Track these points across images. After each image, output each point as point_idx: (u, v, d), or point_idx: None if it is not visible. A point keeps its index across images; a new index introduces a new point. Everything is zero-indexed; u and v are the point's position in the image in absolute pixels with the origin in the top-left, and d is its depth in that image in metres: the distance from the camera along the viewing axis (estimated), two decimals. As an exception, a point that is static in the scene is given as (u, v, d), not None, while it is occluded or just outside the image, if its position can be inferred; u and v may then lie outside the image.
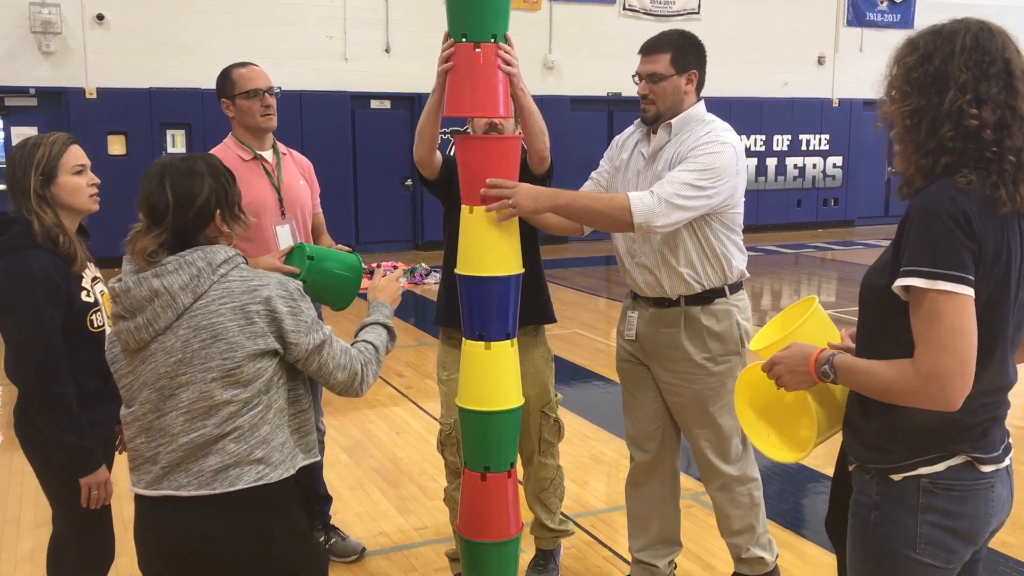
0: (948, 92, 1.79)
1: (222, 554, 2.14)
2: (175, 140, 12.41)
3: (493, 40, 2.70)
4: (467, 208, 2.79)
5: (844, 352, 1.97)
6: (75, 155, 2.77)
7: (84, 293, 2.76)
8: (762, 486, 3.39)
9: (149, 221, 2.16)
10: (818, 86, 16.69)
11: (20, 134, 11.20)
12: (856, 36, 16.86)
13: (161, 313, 2.10)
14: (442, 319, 3.55)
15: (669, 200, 2.91)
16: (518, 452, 3.06)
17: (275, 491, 2.16)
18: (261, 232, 3.44)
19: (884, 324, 1.88)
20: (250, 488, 2.12)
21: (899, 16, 17.04)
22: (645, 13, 15.09)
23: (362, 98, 13.59)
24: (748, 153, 13.09)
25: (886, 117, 1.90)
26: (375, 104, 13.75)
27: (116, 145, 12.11)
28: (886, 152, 16.88)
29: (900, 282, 1.77)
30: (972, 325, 1.74)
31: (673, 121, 3.13)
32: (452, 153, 3.17)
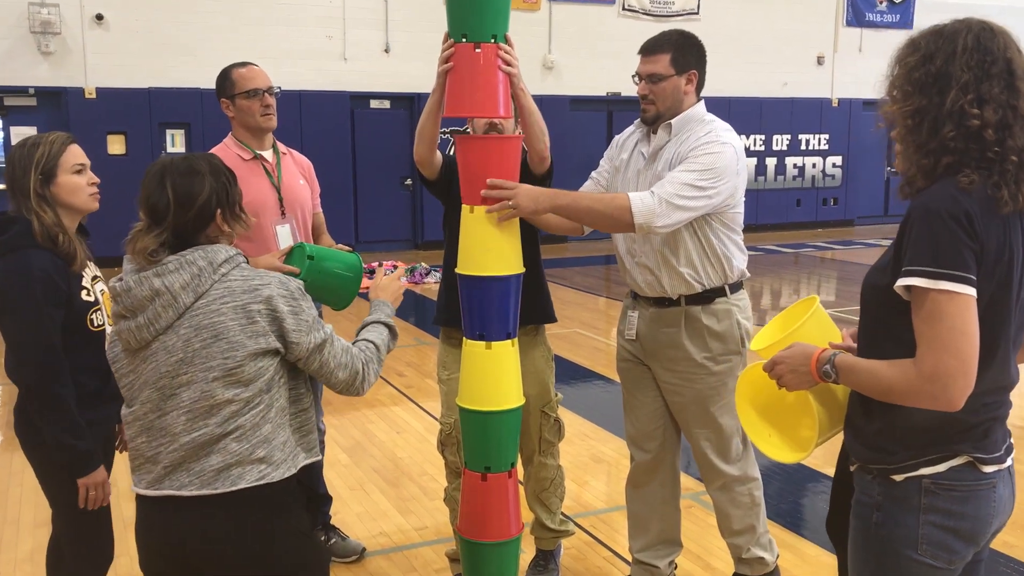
0: (950, 92, 1.79)
1: (224, 554, 2.14)
2: (174, 140, 12.41)
3: (493, 40, 2.70)
4: (467, 208, 2.79)
5: (845, 352, 1.96)
6: (75, 154, 2.76)
7: (84, 292, 2.75)
8: (762, 486, 3.39)
9: (150, 220, 2.16)
10: (817, 86, 16.70)
11: (19, 134, 11.19)
12: (855, 36, 16.87)
13: (162, 312, 2.10)
14: (442, 319, 3.55)
15: (670, 200, 2.91)
16: (518, 452, 3.06)
17: (277, 490, 2.16)
18: (261, 232, 3.44)
19: (886, 324, 1.87)
20: (252, 487, 2.12)
21: (898, 16, 17.05)
22: (644, 13, 15.09)
23: (362, 98, 13.59)
24: (748, 153, 13.06)
25: (887, 117, 1.90)
26: (374, 104, 13.75)
27: (115, 145, 12.11)
28: (885, 152, 16.91)
29: (902, 282, 1.77)
30: (974, 325, 1.74)
31: (673, 121, 3.13)
32: (452, 153, 3.17)
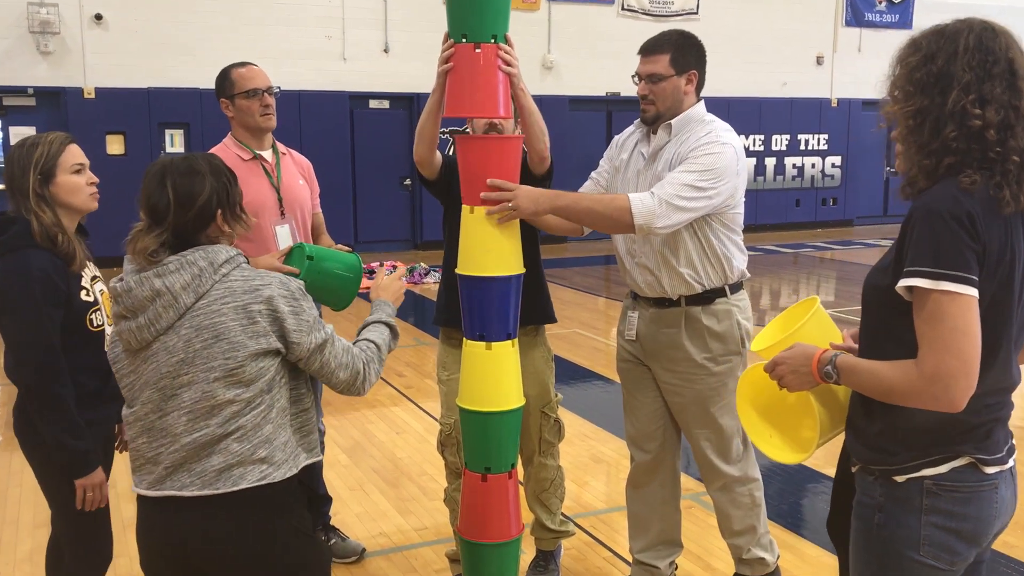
0: (951, 92, 1.78)
1: (225, 554, 2.14)
2: (174, 140, 12.41)
3: (493, 40, 2.70)
4: (468, 208, 2.79)
5: (847, 353, 1.96)
6: (74, 154, 2.76)
7: (83, 292, 2.75)
8: (763, 486, 3.39)
9: (150, 220, 2.15)
10: (817, 86, 16.71)
11: (18, 134, 11.18)
12: (855, 36, 16.87)
13: (163, 313, 2.10)
14: (442, 319, 3.55)
15: (670, 201, 2.91)
16: (518, 453, 3.05)
17: (278, 490, 2.16)
18: (260, 232, 3.44)
19: (887, 324, 1.87)
20: (253, 487, 2.12)
21: (897, 16, 17.06)
22: (644, 13, 15.09)
23: (361, 98, 13.59)
24: (747, 153, 13.06)
25: (889, 117, 1.90)
26: (374, 104, 13.75)
27: (115, 145, 12.11)
28: (884, 152, 16.91)
29: (904, 282, 1.77)
30: (976, 326, 1.73)
31: (673, 121, 3.13)
32: (452, 153, 3.16)
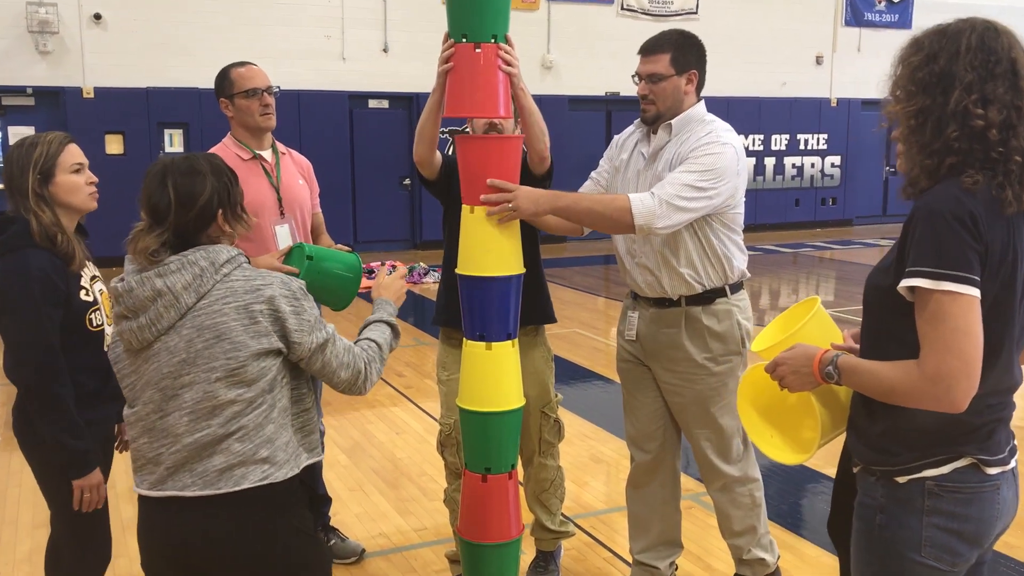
0: (953, 92, 1.78)
1: (227, 554, 2.14)
2: (173, 140, 12.40)
3: (493, 40, 2.69)
4: (468, 208, 2.78)
5: (848, 353, 1.96)
6: (73, 154, 2.76)
7: (83, 292, 2.75)
8: (763, 487, 3.38)
9: (151, 220, 2.15)
10: (816, 86, 16.70)
11: (17, 133, 11.17)
12: (854, 36, 16.87)
13: (164, 313, 2.10)
14: (442, 319, 3.54)
15: (670, 202, 2.90)
16: (518, 453, 3.05)
17: (280, 490, 2.16)
18: (260, 232, 3.43)
19: (889, 325, 1.87)
20: (255, 487, 2.12)
21: (897, 16, 17.06)
22: (643, 13, 15.09)
23: (360, 98, 13.59)
24: (747, 153, 13.06)
25: (891, 117, 1.89)
26: (373, 104, 13.74)
27: (114, 144, 12.11)
28: (884, 152, 16.91)
29: (905, 283, 1.76)
30: (978, 326, 1.73)
31: (673, 121, 3.12)
32: (451, 153, 3.16)
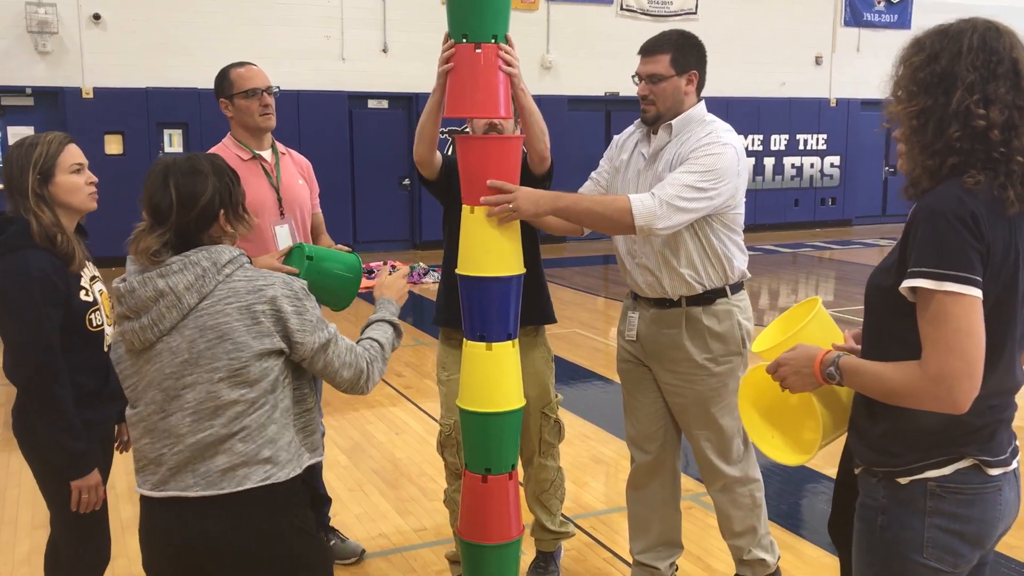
0: (955, 92, 1.78)
1: (229, 554, 2.13)
2: (172, 140, 12.40)
3: (494, 41, 2.69)
4: (468, 208, 2.78)
5: (850, 354, 1.95)
6: (72, 154, 2.76)
7: (83, 292, 2.75)
8: (763, 487, 3.38)
9: (152, 220, 2.15)
10: (815, 86, 16.70)
11: (16, 134, 11.17)
12: (853, 36, 16.87)
13: (166, 313, 2.10)
14: (442, 319, 3.54)
15: (670, 202, 2.90)
16: (519, 454, 3.04)
17: (282, 490, 2.16)
18: (260, 232, 3.42)
19: (890, 325, 1.86)
20: (258, 487, 2.12)
21: (896, 16, 17.06)
22: (642, 13, 15.09)
23: (360, 98, 13.58)
24: (746, 153, 13.07)
25: (892, 117, 1.89)
26: (372, 104, 13.74)
27: (113, 145, 12.10)
28: (883, 152, 16.91)
29: (907, 283, 1.76)
30: (980, 327, 1.73)
31: (674, 122, 3.12)
32: (451, 153, 3.15)
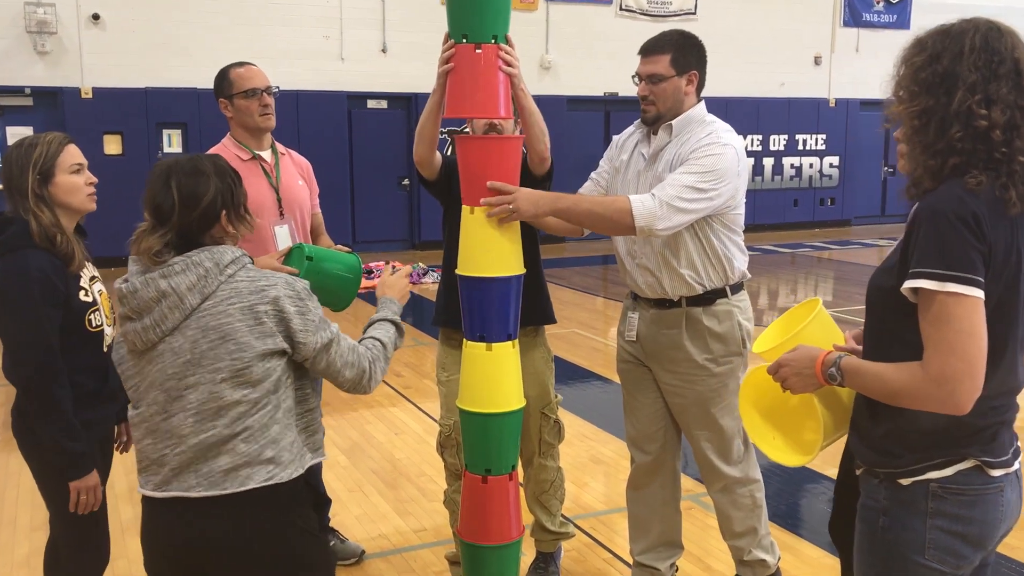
0: (957, 92, 1.77)
1: (231, 554, 2.13)
2: (171, 140, 12.39)
3: (494, 41, 2.69)
4: (468, 208, 2.78)
5: (851, 355, 1.95)
6: (72, 154, 2.76)
7: (82, 293, 2.74)
8: (764, 487, 3.38)
9: (154, 221, 2.15)
10: (815, 86, 16.70)
11: (15, 134, 11.16)
12: (852, 36, 16.87)
13: (169, 314, 2.10)
14: (441, 319, 3.53)
15: (670, 203, 2.90)
16: (519, 454, 3.04)
17: (285, 490, 2.15)
18: (260, 233, 3.41)
19: (892, 326, 1.86)
20: (260, 488, 2.12)
21: (895, 16, 17.06)
22: (642, 13, 15.08)
23: (359, 98, 13.58)
24: (746, 153, 13.06)
25: (894, 117, 1.89)
26: (372, 104, 13.74)
27: (112, 145, 12.09)
28: (882, 152, 16.91)
29: (909, 284, 1.76)
30: (982, 327, 1.72)
31: (674, 122, 3.12)
32: (451, 153, 3.15)
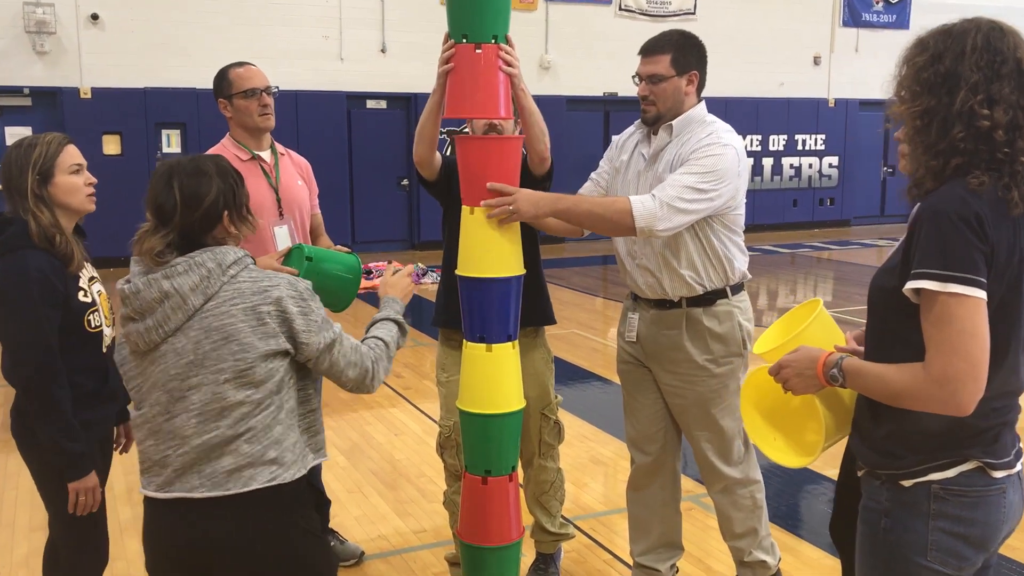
0: (959, 92, 1.76)
1: (234, 555, 2.13)
2: (170, 140, 12.38)
3: (494, 41, 2.68)
4: (467, 209, 2.77)
5: (852, 355, 1.94)
6: (72, 154, 2.75)
7: (81, 293, 2.74)
8: (764, 488, 3.37)
9: (157, 221, 2.15)
10: (814, 86, 16.70)
11: (14, 134, 11.15)
12: (852, 36, 16.87)
13: (172, 315, 2.09)
14: (441, 320, 3.53)
15: (671, 204, 2.89)
16: (519, 455, 3.03)
17: (287, 491, 2.15)
18: (259, 233, 3.39)
19: (893, 326, 1.85)
20: (263, 488, 2.11)
21: (894, 16, 17.06)
22: (641, 13, 15.08)
23: (358, 98, 13.57)
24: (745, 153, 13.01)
25: (895, 118, 1.88)
26: (371, 104, 13.73)
27: (111, 145, 12.09)
28: (882, 152, 16.91)
29: (911, 284, 1.75)
30: (984, 328, 1.72)
31: (674, 122, 3.11)
32: (450, 153, 3.15)
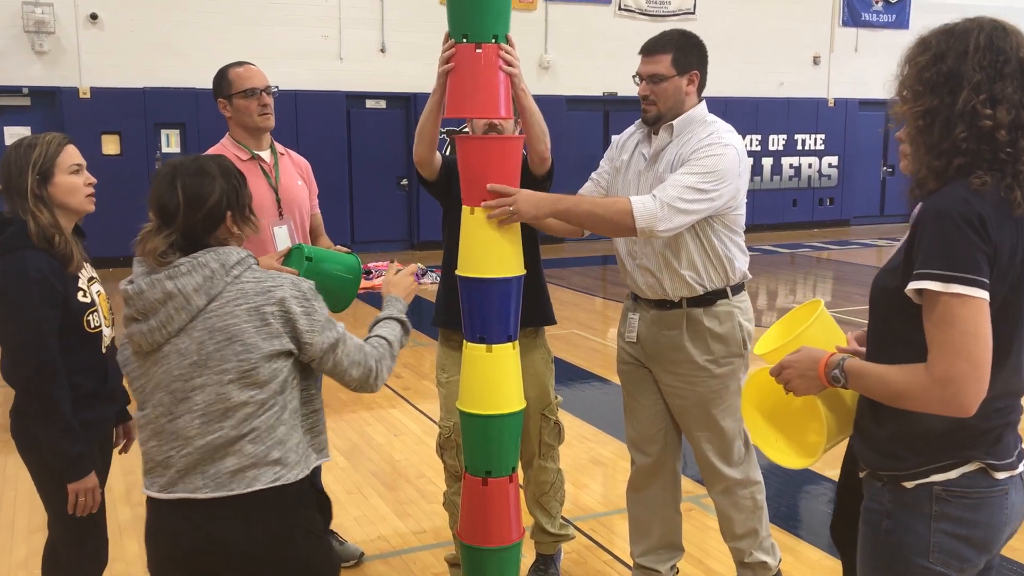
0: (961, 92, 1.76)
1: (237, 556, 2.12)
2: (170, 140, 12.37)
3: (494, 41, 2.68)
4: (468, 209, 2.77)
5: (854, 356, 1.94)
6: (71, 155, 2.75)
7: (80, 294, 2.73)
8: (764, 489, 3.36)
9: (159, 221, 2.15)
10: (813, 86, 16.70)
11: (13, 134, 11.14)
12: (851, 36, 16.87)
13: (175, 315, 2.09)
14: (441, 320, 3.52)
15: (671, 204, 2.88)
16: (519, 456, 3.03)
17: (291, 491, 2.15)
18: (259, 233, 3.40)
19: (895, 327, 1.85)
20: (266, 489, 2.11)
21: (894, 16, 17.06)
22: (641, 13, 15.08)
23: (357, 98, 13.56)
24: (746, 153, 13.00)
25: (898, 117, 1.87)
26: (370, 104, 13.72)
27: (110, 145, 12.08)
28: (881, 152, 16.91)
29: (913, 285, 1.74)
30: (987, 329, 1.71)
31: (675, 122, 3.11)
32: (450, 153, 3.14)
